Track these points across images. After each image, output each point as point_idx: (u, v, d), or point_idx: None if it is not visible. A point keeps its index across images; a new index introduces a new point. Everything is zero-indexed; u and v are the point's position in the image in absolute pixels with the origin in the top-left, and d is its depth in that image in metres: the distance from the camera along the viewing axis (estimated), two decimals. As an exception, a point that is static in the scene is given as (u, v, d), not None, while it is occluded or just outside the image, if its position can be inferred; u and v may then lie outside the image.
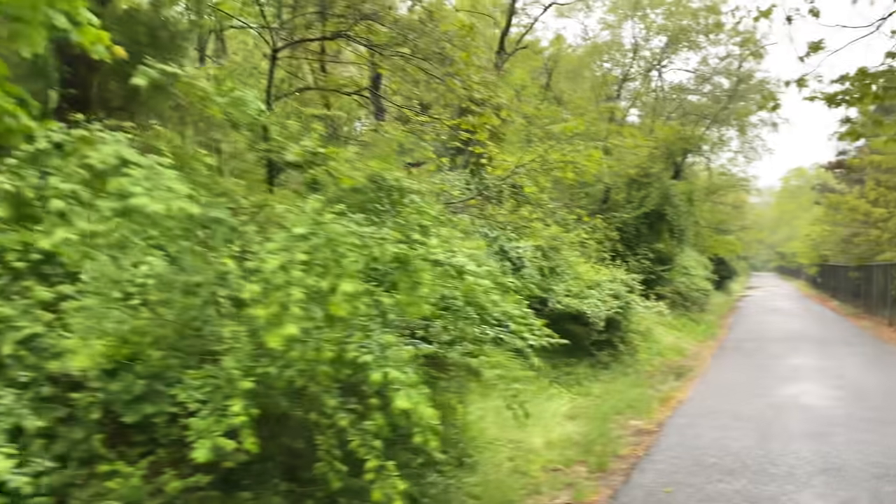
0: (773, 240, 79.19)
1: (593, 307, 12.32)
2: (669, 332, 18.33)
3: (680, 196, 21.40)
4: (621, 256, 19.80)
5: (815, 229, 42.18)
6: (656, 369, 14.00)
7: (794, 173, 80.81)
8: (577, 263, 14.17)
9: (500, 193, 11.22)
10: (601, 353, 13.25)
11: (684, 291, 21.83)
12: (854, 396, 10.32)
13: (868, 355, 15.15)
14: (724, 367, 13.94)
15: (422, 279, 3.10)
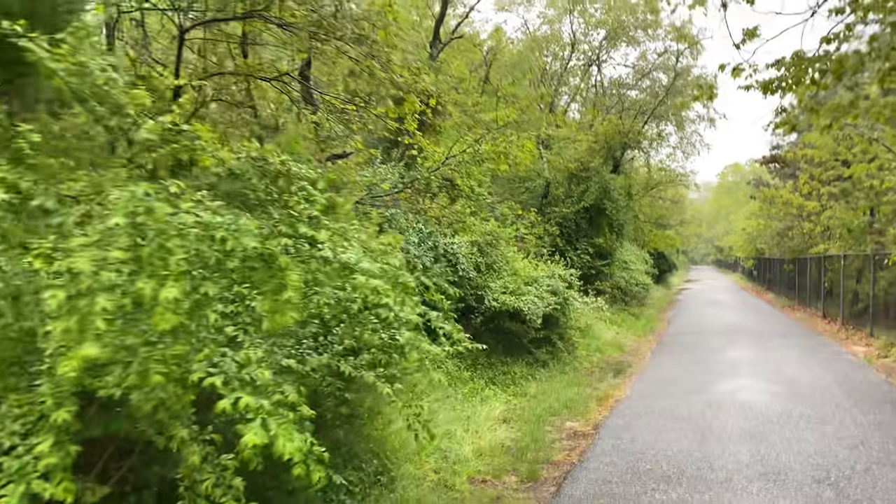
0: (710, 234, 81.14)
1: (530, 304, 11.91)
2: (609, 327, 18.15)
3: (619, 190, 21.29)
4: (561, 252, 19.58)
5: (751, 223, 43.05)
6: (595, 366, 13.72)
7: (731, 169, 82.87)
8: (516, 259, 13.77)
9: (429, 186, 10.68)
10: (539, 351, 12.89)
11: (624, 286, 21.74)
12: (791, 392, 10.16)
13: (803, 348, 15.21)
14: (662, 363, 13.74)
15: (287, 279, 2.53)
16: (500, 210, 18.01)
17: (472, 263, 12.25)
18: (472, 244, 12.53)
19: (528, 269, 13.52)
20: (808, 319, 22.16)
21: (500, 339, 12.56)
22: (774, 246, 32.85)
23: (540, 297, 12.42)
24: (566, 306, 13.36)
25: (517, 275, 12.88)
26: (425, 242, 11.90)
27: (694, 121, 32.46)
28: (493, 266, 12.89)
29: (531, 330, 12.08)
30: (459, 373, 10.73)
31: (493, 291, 12.03)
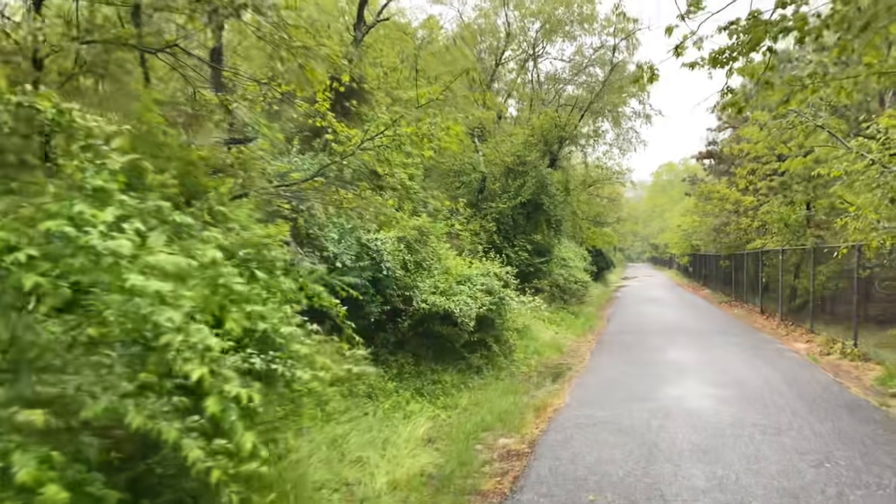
0: (646, 232, 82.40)
1: (462, 305, 10.91)
2: (548, 327, 17.34)
3: (556, 185, 20.54)
4: (498, 249, 18.70)
5: (686, 220, 43.33)
6: (533, 370, 12.82)
7: (665, 168, 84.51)
8: (448, 257, 12.77)
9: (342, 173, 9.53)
10: (473, 356, 11.90)
11: (563, 284, 21.01)
12: (740, 396, 9.44)
13: (745, 346, 14.68)
14: (603, 365, 12.94)
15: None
16: (433, 205, 17.00)
17: (399, 261, 11.19)
18: (398, 240, 11.46)
19: (462, 267, 12.54)
20: (746, 316, 21.89)
21: (431, 344, 11.53)
22: (710, 242, 32.84)
23: (473, 298, 11.44)
24: (502, 306, 12.41)
25: (449, 273, 11.87)
26: (346, 238, 10.79)
27: (630, 117, 32.14)
28: (422, 264, 11.85)
29: (464, 333, 11.07)
30: (382, 384, 9.64)
31: (422, 292, 10.99)
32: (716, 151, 29.59)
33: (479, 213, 19.23)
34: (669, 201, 72.61)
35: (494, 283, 12.26)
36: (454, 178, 19.20)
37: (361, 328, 11.22)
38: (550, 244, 20.62)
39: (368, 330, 11.07)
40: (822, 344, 14.57)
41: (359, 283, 10.41)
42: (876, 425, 7.74)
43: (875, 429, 7.57)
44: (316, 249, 10.41)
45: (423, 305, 10.65)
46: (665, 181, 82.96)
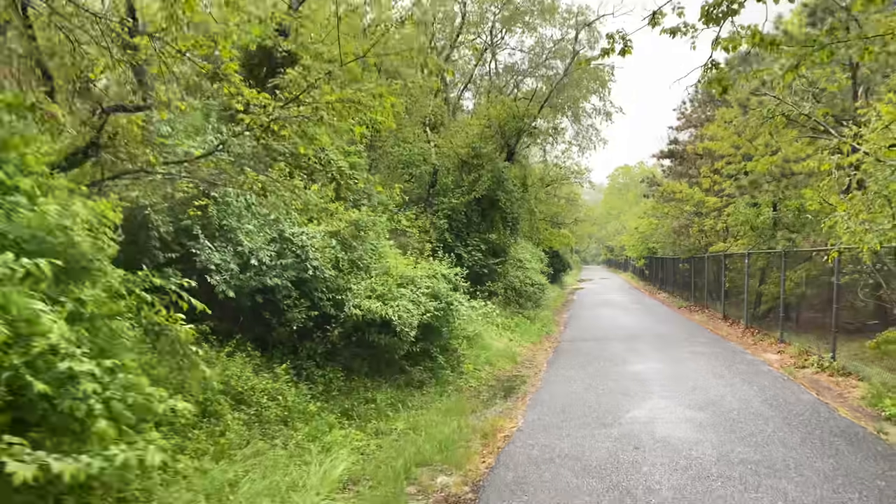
0: (602, 234, 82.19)
1: (402, 311, 9.43)
2: (502, 333, 15.98)
3: (514, 181, 19.20)
4: (450, 248, 17.28)
5: (644, 222, 42.62)
6: (483, 384, 11.42)
7: (621, 171, 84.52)
8: (390, 255, 11.29)
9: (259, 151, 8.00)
10: (416, 369, 10.46)
11: (519, 286, 19.70)
12: (720, 422, 8.17)
13: (714, 356, 13.53)
14: (561, 378, 11.61)
15: None
16: (378, 198, 15.48)
17: (331, 259, 9.67)
18: (330, 235, 9.94)
19: (405, 267, 11.07)
20: (708, 322, 20.89)
21: (367, 356, 10.04)
22: (669, 245, 31.98)
23: (416, 303, 9.97)
24: (450, 312, 10.98)
25: (389, 275, 10.38)
26: (266, 231, 9.24)
27: (591, 114, 31.07)
28: (358, 263, 10.33)
29: (405, 343, 9.59)
30: (302, 405, 8.10)
31: (356, 295, 9.48)
32: (677, 151, 28.69)
33: (430, 208, 17.78)
34: (625, 203, 72.43)
35: (441, 287, 10.82)
36: (403, 170, 17.70)
37: (282, 337, 9.69)
38: (506, 244, 19.29)
39: (291, 339, 9.55)
40: (795, 355, 13.50)
41: (279, 285, 8.89)
42: (883, 461, 6.51)
43: (884, 467, 6.34)
44: (231, 244, 8.85)
45: (356, 311, 9.14)
46: (621, 184, 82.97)
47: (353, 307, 9.17)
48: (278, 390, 8.04)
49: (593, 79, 28.84)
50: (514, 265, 21.33)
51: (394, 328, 9.33)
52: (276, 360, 9.24)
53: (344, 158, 13.47)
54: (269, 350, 9.44)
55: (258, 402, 7.58)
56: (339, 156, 13.41)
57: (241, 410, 7.16)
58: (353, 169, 14.71)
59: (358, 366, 9.89)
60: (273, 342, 9.48)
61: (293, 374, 9.15)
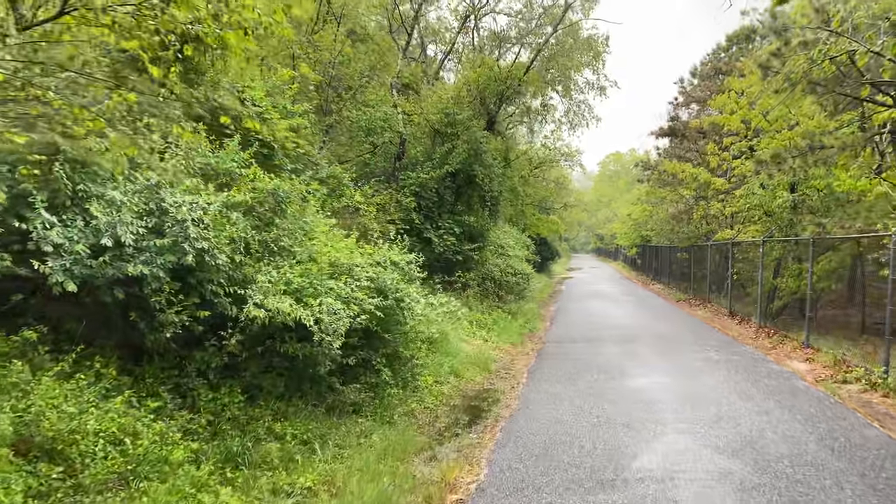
0: (592, 222, 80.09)
1: (325, 313, 6.86)
2: (476, 332, 13.46)
3: (493, 153, 16.58)
4: (418, 231, 14.70)
5: (637, 209, 40.18)
6: (444, 403, 8.90)
7: (612, 158, 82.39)
8: (322, 236, 8.72)
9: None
10: (349, 389, 7.88)
11: (498, 277, 17.14)
12: (770, 481, 5.70)
13: (734, 365, 11.06)
14: (543, 396, 9.11)
15: None
16: (328, 169, 12.89)
17: (233, 240, 7.10)
18: (231, 207, 7.35)
19: (343, 252, 8.49)
20: (714, 319, 18.43)
21: (283, 371, 7.46)
22: (666, 232, 29.51)
23: (348, 301, 7.39)
24: (400, 311, 8.39)
25: (316, 262, 7.78)
26: (141, 199, 6.71)
27: (583, 88, 28.43)
28: (274, 246, 7.73)
29: (328, 355, 7.00)
30: (165, 451, 5.53)
31: (261, 290, 6.89)
32: (678, 128, 26.13)
33: (397, 184, 15.17)
34: (615, 191, 70.23)
35: (388, 278, 8.24)
36: (364, 139, 15.06)
37: (159, 346, 7.13)
38: (484, 227, 16.71)
39: (169, 349, 6.98)
40: (829, 365, 11.08)
41: (146, 275, 6.31)
42: None
43: None
44: (86, 216, 6.30)
45: (258, 312, 6.55)
46: (612, 171, 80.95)
47: (253, 306, 6.59)
48: (128, 429, 5.48)
49: (586, 49, 26.20)
50: (494, 252, 18.79)
51: (313, 335, 6.75)
52: (150, 380, 6.68)
53: (277, 115, 10.87)
54: (142, 364, 6.90)
55: (84, 452, 5.02)
56: (273, 113, 10.82)
57: (36, 474, 4.59)
58: (296, 132, 12.13)
59: (269, 384, 7.31)
60: (149, 353, 6.92)
61: (172, 398, 6.62)
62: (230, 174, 8.28)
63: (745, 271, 18.79)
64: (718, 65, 25.98)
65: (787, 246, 16.23)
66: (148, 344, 6.68)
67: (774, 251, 16.44)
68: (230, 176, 8.28)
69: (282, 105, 12.01)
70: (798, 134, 15.38)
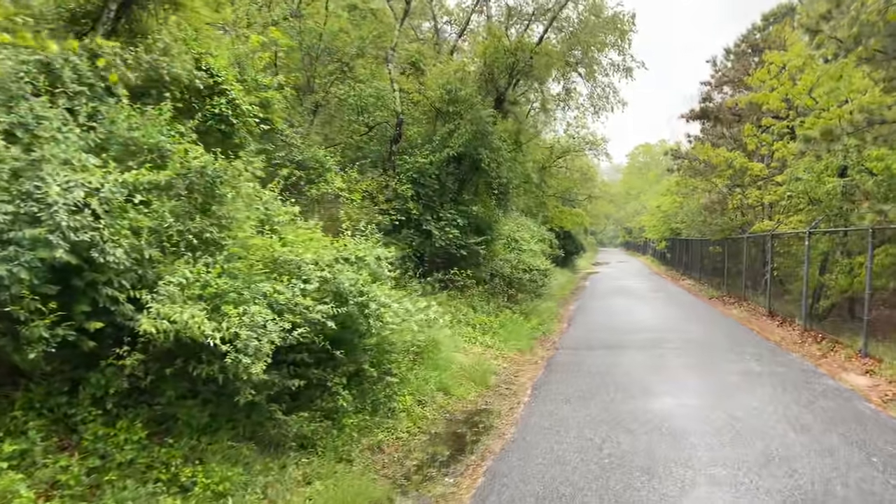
0: (620, 215, 77.99)
1: (245, 326, 5.25)
2: (478, 337, 11.80)
3: (502, 135, 14.83)
4: (416, 223, 13.09)
5: (667, 200, 38.10)
6: (421, 432, 7.27)
7: (641, 150, 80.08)
8: (248, 225, 7.12)
9: None
10: (294, 418, 6.27)
11: (509, 273, 15.41)
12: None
13: (780, 380, 9.25)
14: (546, 422, 7.44)
15: None
16: (309, 152, 11.33)
17: (134, 230, 5.55)
18: (142, 190, 5.79)
19: (298, 245, 6.89)
20: (751, 319, 16.52)
21: (209, 397, 5.90)
22: (698, 224, 27.48)
23: (283, 310, 5.78)
24: (364, 320, 6.75)
25: (246, 258, 6.17)
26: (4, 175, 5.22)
27: (607, 70, 26.45)
28: (194, 239, 6.13)
29: (248, 381, 5.37)
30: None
31: (165, 295, 5.30)
32: (710, 110, 24.08)
33: (394, 170, 13.53)
34: (645, 183, 68.04)
35: (347, 278, 6.60)
36: (356, 119, 13.43)
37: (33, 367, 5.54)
38: (492, 219, 14.99)
39: (57, 371, 5.47)
40: (894, 380, 9.22)
41: (2, 276, 4.78)
42: None
43: None
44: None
45: (153, 326, 4.96)
46: (641, 163, 78.77)
47: (148, 317, 5.00)
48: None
49: (611, 28, 24.25)
50: (506, 246, 17.08)
51: (226, 356, 5.14)
52: (19, 412, 5.18)
53: (240, 88, 9.30)
54: (19, 389, 5.41)
55: None
56: (234, 85, 9.25)
57: None
58: (266, 108, 10.55)
59: (186, 415, 5.74)
60: (28, 376, 5.43)
61: (47, 437, 5.11)
62: (159, 150, 6.71)
63: (786, 266, 16.84)
64: (754, 41, 23.87)
65: (835, 238, 14.29)
66: (23, 365, 5.17)
67: (821, 244, 14.49)
68: (159, 152, 6.70)
69: (251, 77, 10.47)
70: (854, 108, 13.43)
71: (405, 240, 13.13)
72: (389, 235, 13.04)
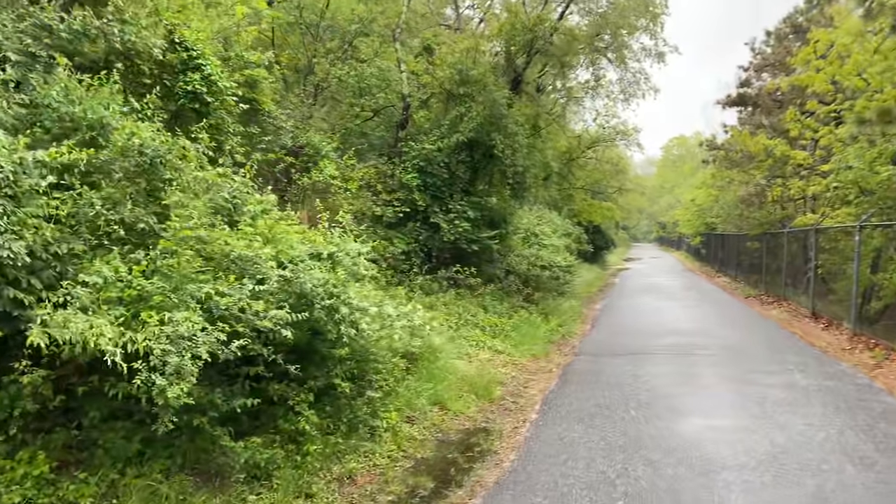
0: (654, 209, 76.19)
1: (162, 339, 4.24)
2: (487, 341, 10.70)
3: (518, 119, 13.65)
4: (424, 215, 12.05)
5: (701, 193, 36.45)
6: (405, 457, 6.24)
7: (676, 143, 77.99)
8: (195, 212, 6.12)
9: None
10: (247, 444, 5.26)
11: (526, 270, 14.26)
12: None
13: (831, 397, 8.02)
14: (552, 450, 6.35)
15: None
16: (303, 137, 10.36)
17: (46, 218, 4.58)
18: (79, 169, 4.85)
19: (245, 237, 5.87)
20: (792, 321, 15.15)
21: (143, 419, 4.93)
22: (734, 218, 25.95)
23: (224, 317, 4.78)
24: (333, 326, 5.70)
25: (181, 253, 5.17)
26: None
27: (638, 56, 25.06)
28: (121, 229, 5.16)
29: (169, 406, 4.35)
30: None
31: (78, 299, 4.32)
32: (749, 96, 22.56)
33: (400, 158, 12.49)
34: (680, 176, 66.16)
35: (311, 279, 5.56)
36: (357, 101, 12.39)
37: None
38: (507, 211, 13.85)
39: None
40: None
41: None
42: None
43: None
44: None
45: (40, 339, 3.98)
46: (676, 156, 76.83)
47: (40, 328, 4.02)
48: None
49: (642, 11, 22.90)
50: (525, 240, 15.94)
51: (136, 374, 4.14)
52: None
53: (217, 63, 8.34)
54: None
55: None
56: (211, 59, 8.29)
57: None
58: (253, 87, 9.62)
59: (110, 442, 4.78)
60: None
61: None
62: (103, 127, 5.74)
63: (831, 263, 15.42)
64: (797, 23, 22.29)
65: (889, 232, 12.89)
66: None
67: (874, 239, 13.09)
68: (101, 130, 5.74)
69: (236, 53, 9.52)
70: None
71: (411, 233, 12.10)
72: (394, 229, 12.04)
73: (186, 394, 4.14)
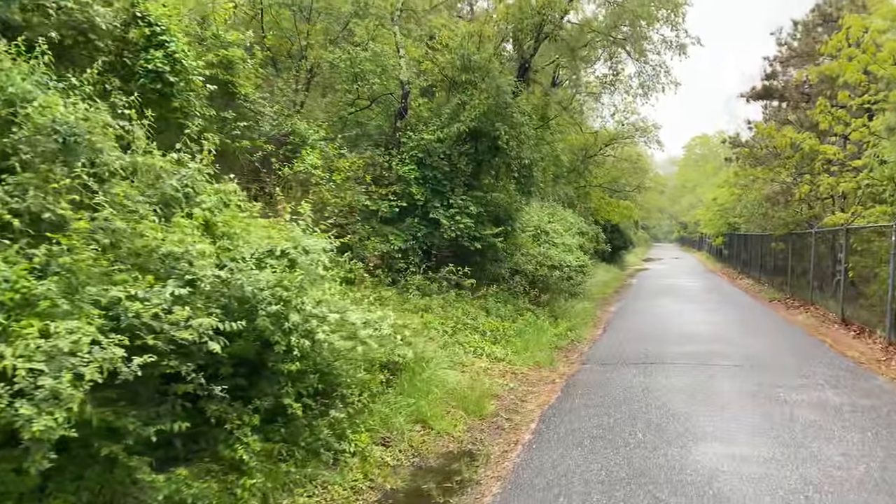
0: (675, 209, 74.74)
1: (34, 357, 3.39)
2: (486, 347, 9.81)
3: (525, 109, 12.71)
4: (424, 210, 11.21)
5: (723, 192, 35.19)
6: (370, 489, 5.35)
7: (698, 142, 76.47)
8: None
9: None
10: (164, 480, 4.41)
11: (532, 271, 13.33)
12: None
13: (868, 421, 7.04)
14: (543, 482, 5.48)
15: None
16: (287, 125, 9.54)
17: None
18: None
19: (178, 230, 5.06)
20: (820, 327, 14.09)
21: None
22: (759, 218, 24.77)
23: (132, 327, 3.91)
24: (283, 337, 4.84)
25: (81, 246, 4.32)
26: None
27: (658, 48, 23.93)
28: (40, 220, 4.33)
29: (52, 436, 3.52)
30: None
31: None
32: (775, 88, 21.41)
33: (398, 149, 11.64)
34: (702, 176, 64.66)
35: (253, 281, 4.71)
36: (349, 88, 11.54)
37: None
38: (513, 206, 12.93)
39: None
40: None
41: None
42: None
43: None
44: None
45: None
46: (698, 155, 75.25)
47: None
48: None
49: (663, 2, 21.80)
50: (535, 238, 15.02)
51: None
52: None
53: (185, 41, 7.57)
54: None
55: None
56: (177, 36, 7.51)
57: None
58: (229, 69, 8.82)
59: (10, 478, 3.96)
60: None
61: None
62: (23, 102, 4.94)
63: (863, 266, 14.32)
64: (827, 12, 21.11)
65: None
66: None
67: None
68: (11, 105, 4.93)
69: (212, 32, 8.74)
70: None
71: (409, 230, 11.26)
72: (390, 224, 11.21)
73: (65, 423, 3.31)
